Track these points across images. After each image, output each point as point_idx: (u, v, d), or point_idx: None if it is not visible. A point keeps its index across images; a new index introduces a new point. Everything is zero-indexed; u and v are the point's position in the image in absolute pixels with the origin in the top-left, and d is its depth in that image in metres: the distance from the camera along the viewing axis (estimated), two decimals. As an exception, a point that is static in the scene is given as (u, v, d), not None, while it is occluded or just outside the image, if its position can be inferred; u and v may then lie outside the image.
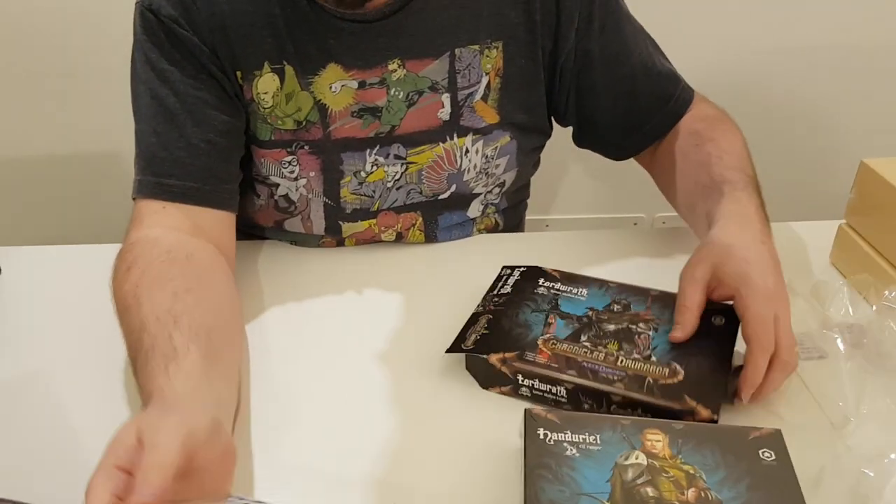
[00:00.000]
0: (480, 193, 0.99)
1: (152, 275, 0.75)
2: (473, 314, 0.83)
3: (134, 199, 0.85)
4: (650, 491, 0.62)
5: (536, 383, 0.75)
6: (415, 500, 0.67)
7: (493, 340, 0.78)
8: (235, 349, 0.79)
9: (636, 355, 0.76)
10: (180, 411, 0.62)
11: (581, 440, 0.66)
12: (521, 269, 0.89)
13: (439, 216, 0.99)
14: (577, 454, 0.65)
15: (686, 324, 0.76)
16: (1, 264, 0.94)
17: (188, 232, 0.83)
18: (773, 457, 0.64)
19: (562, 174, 0.91)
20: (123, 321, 0.73)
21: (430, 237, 1.00)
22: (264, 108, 0.89)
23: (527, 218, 1.17)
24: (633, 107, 0.97)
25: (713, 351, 0.76)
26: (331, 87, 0.88)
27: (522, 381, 0.76)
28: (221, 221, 0.87)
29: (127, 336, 0.72)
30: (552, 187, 1.94)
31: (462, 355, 0.79)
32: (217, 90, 0.86)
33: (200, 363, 0.67)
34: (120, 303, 0.75)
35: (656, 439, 0.66)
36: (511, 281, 0.87)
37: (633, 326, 0.80)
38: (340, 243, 1.00)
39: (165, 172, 0.84)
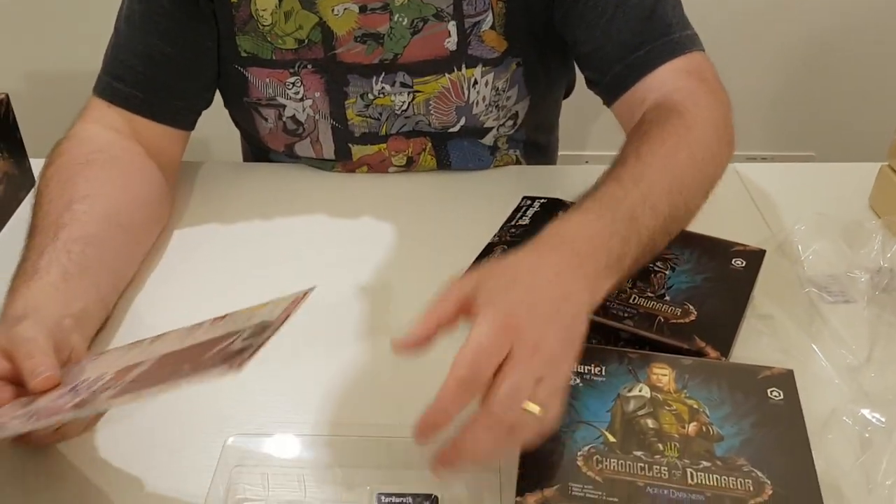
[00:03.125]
0: (492, 127, 0.97)
1: (63, 177, 0.79)
2: (489, 244, 0.82)
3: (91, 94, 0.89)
4: (650, 423, 0.61)
5: (547, 315, 0.74)
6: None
7: (506, 271, 0.77)
8: (121, 258, 0.79)
9: (649, 294, 0.74)
10: (30, 318, 0.63)
11: (586, 371, 0.65)
12: (542, 200, 0.87)
13: (450, 141, 0.97)
14: (581, 384, 0.64)
15: (413, 336, 0.57)
16: (37, 177, 0.95)
17: (126, 135, 0.87)
18: (782, 396, 0.63)
19: (599, 110, 0.88)
20: (33, 207, 0.78)
21: (443, 163, 0.99)
22: (263, 26, 0.88)
23: (560, 153, 1.14)
24: (598, 50, 0.85)
25: (729, 293, 0.74)
26: (333, 10, 0.87)
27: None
28: (163, 135, 0.89)
29: (30, 224, 0.76)
30: (587, 125, 1.90)
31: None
32: (188, 5, 0.86)
33: (55, 283, 0.68)
34: (37, 188, 0.80)
35: (662, 373, 0.65)
36: (530, 213, 0.86)
37: (650, 265, 0.78)
38: (352, 171, 0.99)
39: (117, 75, 0.87)
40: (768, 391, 0.63)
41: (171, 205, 0.91)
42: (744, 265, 0.77)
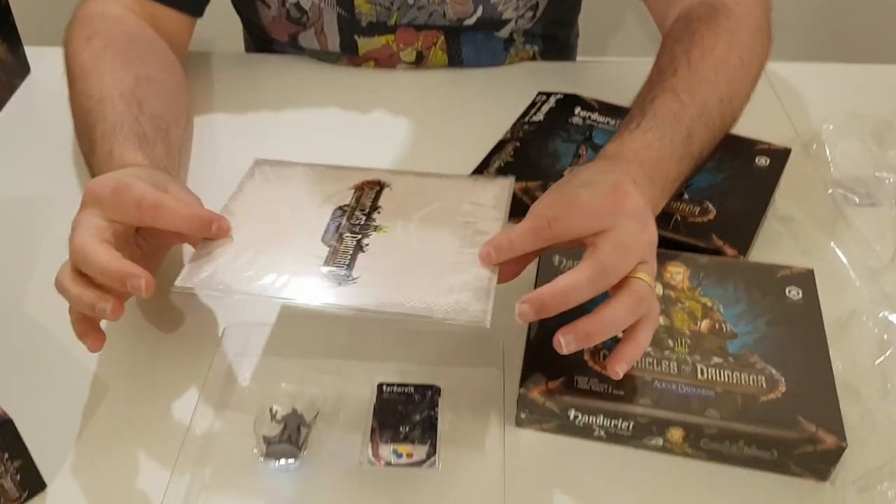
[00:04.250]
0: (511, 19, 0.92)
1: (116, 50, 0.75)
2: (500, 141, 0.79)
3: None
4: (661, 319, 0.59)
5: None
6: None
7: (518, 169, 0.74)
8: (183, 152, 0.77)
9: (669, 191, 0.71)
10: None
11: (597, 268, 0.63)
12: (558, 96, 0.84)
13: (463, 34, 0.93)
14: (591, 281, 0.62)
15: (493, 252, 0.55)
16: (32, 64, 0.93)
17: (145, 20, 0.83)
18: (800, 295, 0.61)
19: (623, 11, 0.83)
20: (77, 87, 0.72)
21: (455, 59, 0.95)
22: None
23: (579, 59, 1.10)
24: None
25: (751, 192, 0.71)
26: None
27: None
28: (175, 20, 0.85)
29: (81, 101, 0.71)
30: (608, 27, 1.83)
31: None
32: None
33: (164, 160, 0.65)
34: (77, 69, 0.74)
35: (676, 271, 0.63)
36: (545, 108, 0.82)
37: (670, 163, 0.75)
38: (358, 66, 0.95)
39: None
40: (786, 290, 0.61)
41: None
42: (768, 164, 0.74)
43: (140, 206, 0.56)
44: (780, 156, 0.75)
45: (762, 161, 0.74)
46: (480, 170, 0.75)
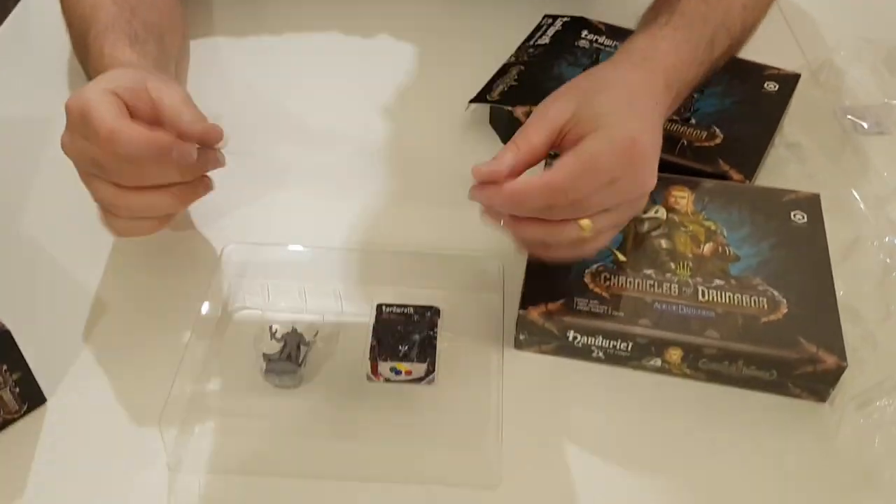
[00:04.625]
0: None
1: None
2: (505, 65, 0.77)
3: None
4: (664, 243, 0.58)
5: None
6: (424, 241, 0.65)
7: (522, 93, 0.73)
8: (180, 72, 0.74)
9: (674, 117, 0.70)
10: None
11: (600, 192, 0.62)
12: (564, 19, 0.82)
13: None
14: (594, 205, 0.61)
15: (500, 162, 0.50)
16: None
17: None
18: (806, 219, 0.60)
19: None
20: None
21: None
22: None
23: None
24: None
25: (758, 117, 0.70)
26: None
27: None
28: None
29: (74, 8, 0.68)
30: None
31: (487, 107, 0.74)
32: None
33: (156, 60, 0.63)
34: None
35: (681, 195, 0.62)
36: (551, 31, 0.80)
37: (677, 88, 0.73)
38: None
39: None
40: (791, 214, 0.60)
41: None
42: (776, 89, 0.72)
43: (98, 138, 0.49)
44: (788, 81, 0.73)
45: (771, 86, 0.73)
46: (484, 94, 0.73)
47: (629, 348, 0.54)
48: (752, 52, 0.69)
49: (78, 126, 0.50)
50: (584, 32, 0.79)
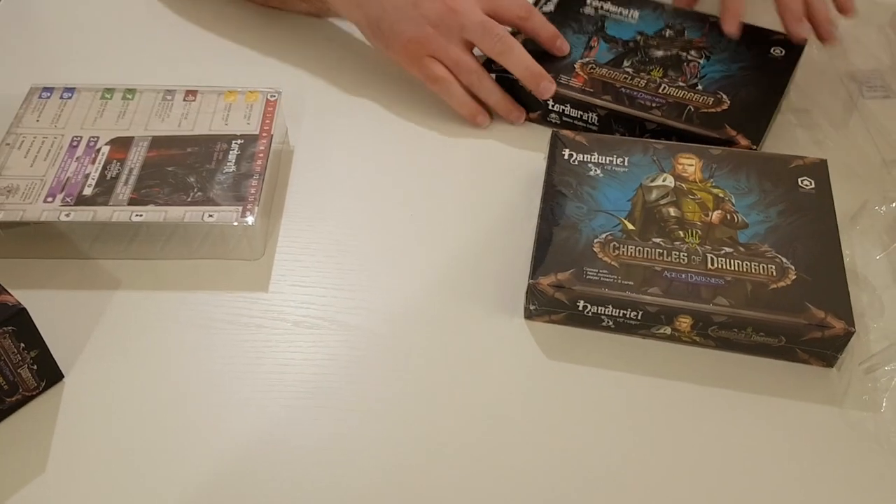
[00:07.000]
0: None
1: None
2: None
3: None
4: (672, 211, 0.59)
5: (567, 109, 0.70)
6: (429, 216, 0.65)
7: (527, 61, 0.72)
8: None
9: (681, 83, 0.70)
10: None
11: (608, 161, 0.62)
12: (569, -15, 0.81)
13: None
14: (602, 175, 0.61)
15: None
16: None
17: None
18: (813, 185, 0.60)
19: None
20: None
21: None
22: None
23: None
24: None
25: (765, 83, 0.70)
26: None
27: (552, 105, 0.71)
28: None
29: None
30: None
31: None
32: None
33: None
34: None
35: (689, 163, 0.62)
36: (555, -1, 0.80)
37: (684, 53, 0.73)
38: None
39: None
40: (799, 180, 0.60)
41: None
42: (783, 54, 0.72)
43: (520, 8, 0.72)
44: (795, 46, 0.73)
45: (777, 51, 0.72)
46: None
47: (639, 317, 0.55)
48: (759, 16, 0.68)
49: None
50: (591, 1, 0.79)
